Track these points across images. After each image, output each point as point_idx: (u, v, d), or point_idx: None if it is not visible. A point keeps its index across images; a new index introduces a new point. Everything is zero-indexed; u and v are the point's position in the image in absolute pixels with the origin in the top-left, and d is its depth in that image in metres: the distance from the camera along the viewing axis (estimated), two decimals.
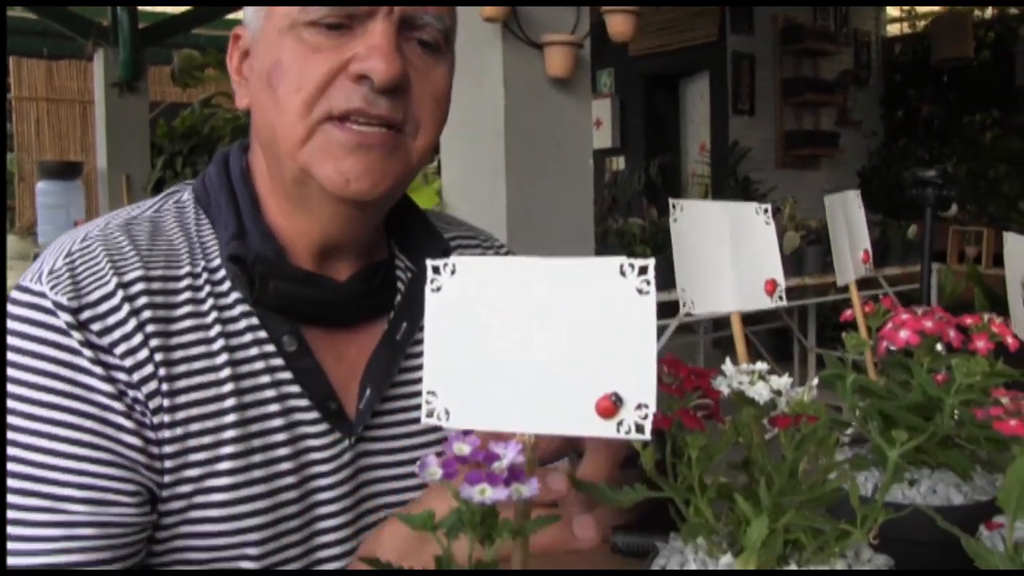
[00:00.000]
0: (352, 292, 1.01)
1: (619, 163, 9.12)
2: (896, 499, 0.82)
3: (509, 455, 0.46)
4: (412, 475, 1.04)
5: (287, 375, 0.95)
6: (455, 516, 0.46)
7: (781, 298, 0.79)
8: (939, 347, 0.87)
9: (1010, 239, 0.75)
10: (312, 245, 0.99)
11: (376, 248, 1.07)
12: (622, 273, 0.49)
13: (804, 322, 5.89)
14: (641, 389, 0.47)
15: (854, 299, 0.91)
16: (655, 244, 4.12)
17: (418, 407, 1.07)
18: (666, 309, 4.57)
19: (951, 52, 8.68)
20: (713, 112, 8.77)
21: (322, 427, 0.97)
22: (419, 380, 1.06)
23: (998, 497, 0.52)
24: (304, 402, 0.96)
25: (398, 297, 1.05)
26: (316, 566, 0.98)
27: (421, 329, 1.08)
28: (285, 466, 0.94)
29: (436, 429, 1.07)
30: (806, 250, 4.80)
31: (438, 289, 0.53)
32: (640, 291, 0.48)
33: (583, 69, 3.52)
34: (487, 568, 0.47)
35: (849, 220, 0.95)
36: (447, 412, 0.52)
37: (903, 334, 0.86)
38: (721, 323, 5.49)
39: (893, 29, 10.15)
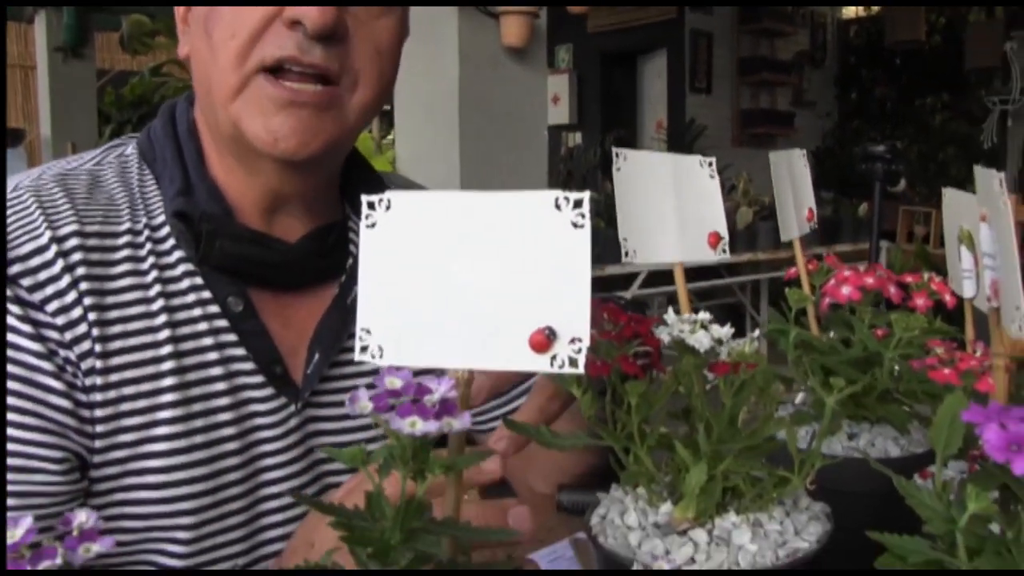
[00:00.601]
0: (303, 253, 0.98)
1: (576, 139, 9.12)
2: (836, 452, 0.83)
3: (441, 389, 0.45)
4: (363, 443, 1.03)
5: (231, 337, 0.93)
6: (386, 451, 0.46)
7: (724, 251, 0.79)
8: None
9: (948, 194, 0.76)
10: (257, 203, 0.96)
11: (329, 209, 1.04)
12: (557, 206, 0.48)
13: (756, 298, 5.95)
14: (575, 323, 0.47)
15: (798, 255, 0.91)
16: (610, 216, 4.12)
17: (369, 373, 1.07)
18: (622, 282, 4.61)
19: (904, 35, 8.78)
20: (670, 89, 8.80)
21: (267, 391, 0.94)
22: None
23: (929, 437, 0.52)
24: (249, 365, 0.93)
25: (350, 260, 1.03)
26: (260, 534, 0.96)
27: None
28: (227, 431, 0.92)
29: None
30: (759, 226, 4.85)
31: (372, 225, 0.52)
32: (575, 224, 0.48)
33: (539, 40, 3.51)
34: (419, 505, 0.46)
35: (794, 178, 0.95)
36: (381, 349, 0.51)
37: (845, 290, 0.86)
38: (675, 297, 5.52)
39: (849, 11, 10.23)
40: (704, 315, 0.70)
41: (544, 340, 0.47)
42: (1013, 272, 0.50)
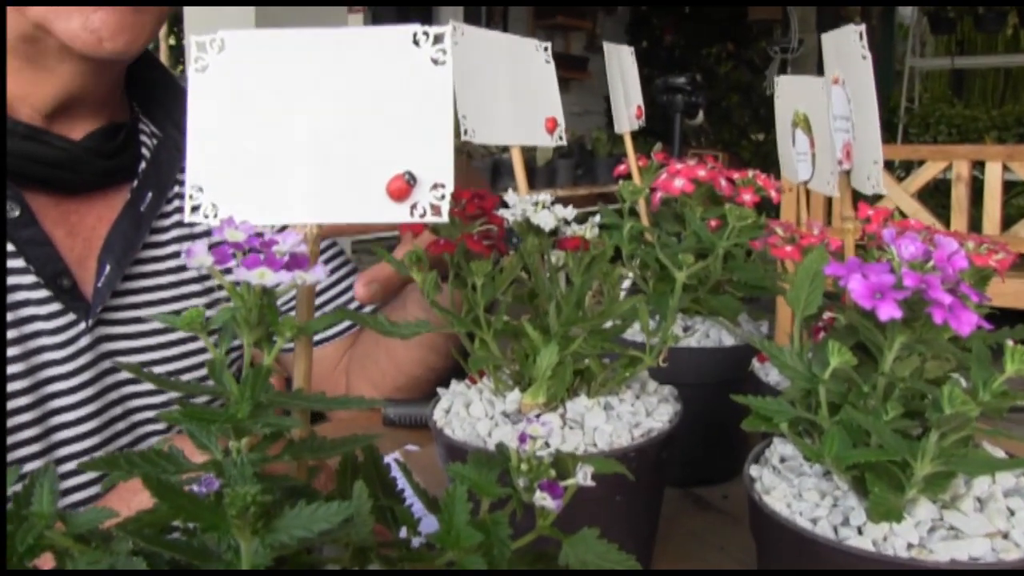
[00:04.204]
0: (87, 151, 0.90)
1: None
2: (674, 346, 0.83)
3: (289, 241, 0.40)
4: (159, 362, 0.95)
5: (8, 247, 0.84)
6: (228, 312, 0.40)
7: (561, 138, 0.76)
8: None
9: (783, 80, 0.76)
10: (43, 102, 0.87)
11: (117, 108, 0.95)
12: (415, 42, 0.43)
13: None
14: (437, 167, 0.42)
15: (629, 150, 0.90)
16: None
17: (167, 286, 0.98)
18: None
19: None
20: None
21: (53, 307, 0.86)
22: (168, 256, 0.96)
23: (787, 298, 0.51)
24: (30, 279, 0.85)
25: (142, 164, 0.95)
26: (58, 467, 0.87)
27: (169, 201, 0.98)
28: (9, 352, 0.83)
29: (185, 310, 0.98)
30: (558, 163, 4.91)
31: (203, 69, 0.45)
32: (436, 61, 0.43)
33: None
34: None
35: (624, 75, 0.94)
36: (215, 208, 0.45)
37: (679, 183, 0.85)
38: None
39: None
40: (544, 196, 0.67)
41: (404, 186, 0.42)
42: (873, 123, 0.49)
